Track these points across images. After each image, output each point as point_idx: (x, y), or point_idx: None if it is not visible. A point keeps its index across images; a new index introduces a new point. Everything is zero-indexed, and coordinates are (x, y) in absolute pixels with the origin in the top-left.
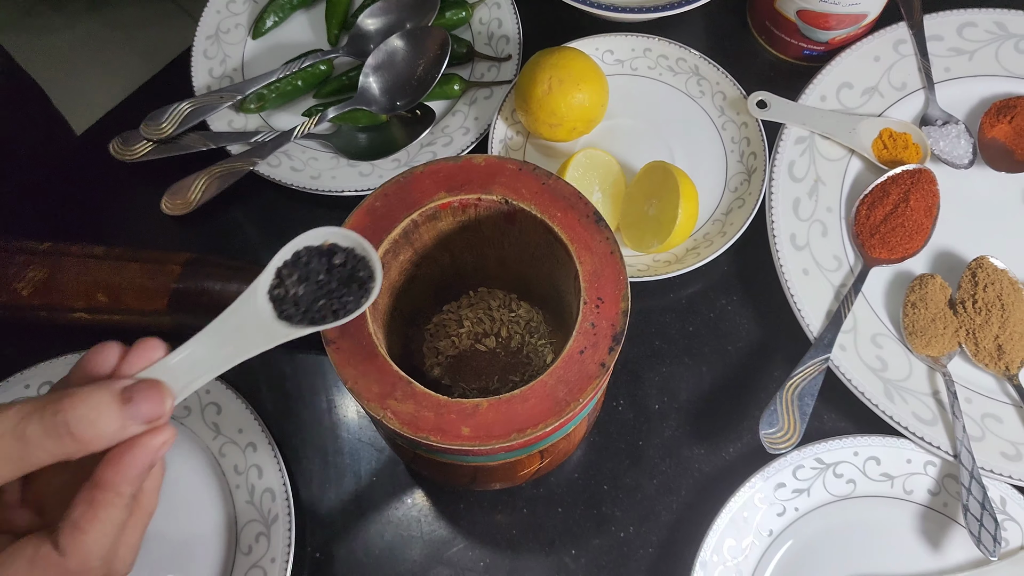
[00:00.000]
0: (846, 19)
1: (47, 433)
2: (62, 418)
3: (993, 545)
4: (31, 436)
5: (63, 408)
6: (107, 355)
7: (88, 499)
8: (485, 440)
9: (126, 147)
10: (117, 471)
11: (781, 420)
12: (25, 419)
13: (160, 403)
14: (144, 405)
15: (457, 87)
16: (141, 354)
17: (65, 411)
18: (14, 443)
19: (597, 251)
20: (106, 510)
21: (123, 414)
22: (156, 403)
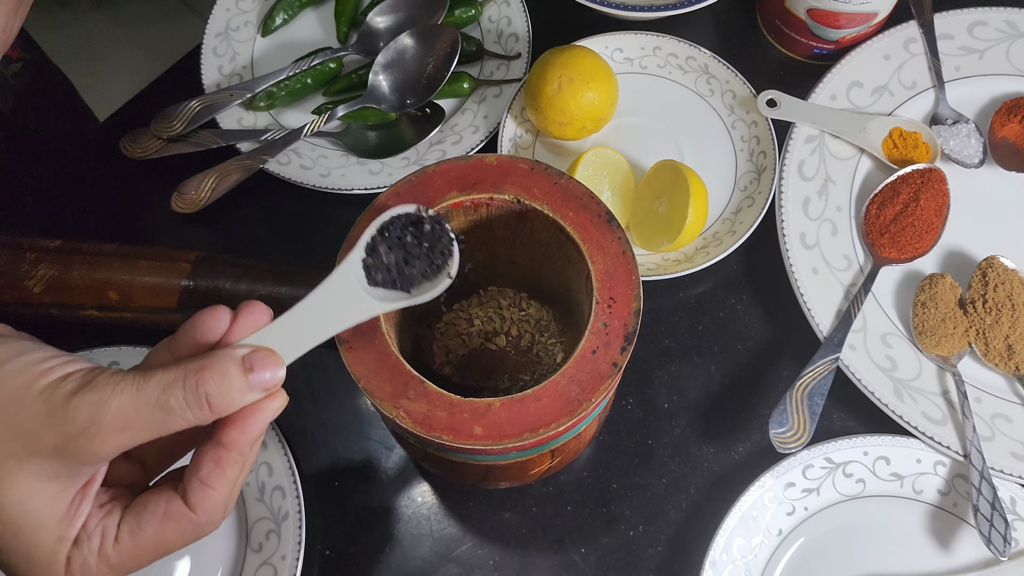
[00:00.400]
0: (856, 17)
1: (189, 403)
2: (202, 390)
3: (1003, 545)
4: (174, 406)
5: (203, 380)
6: (218, 319)
7: (215, 458)
8: (498, 440)
9: (136, 145)
10: (242, 432)
11: (791, 419)
12: (168, 390)
13: (277, 369)
14: (263, 372)
15: (467, 85)
16: (248, 319)
17: (205, 383)
18: (158, 412)
19: (609, 251)
20: (231, 467)
21: (247, 383)
22: (274, 370)
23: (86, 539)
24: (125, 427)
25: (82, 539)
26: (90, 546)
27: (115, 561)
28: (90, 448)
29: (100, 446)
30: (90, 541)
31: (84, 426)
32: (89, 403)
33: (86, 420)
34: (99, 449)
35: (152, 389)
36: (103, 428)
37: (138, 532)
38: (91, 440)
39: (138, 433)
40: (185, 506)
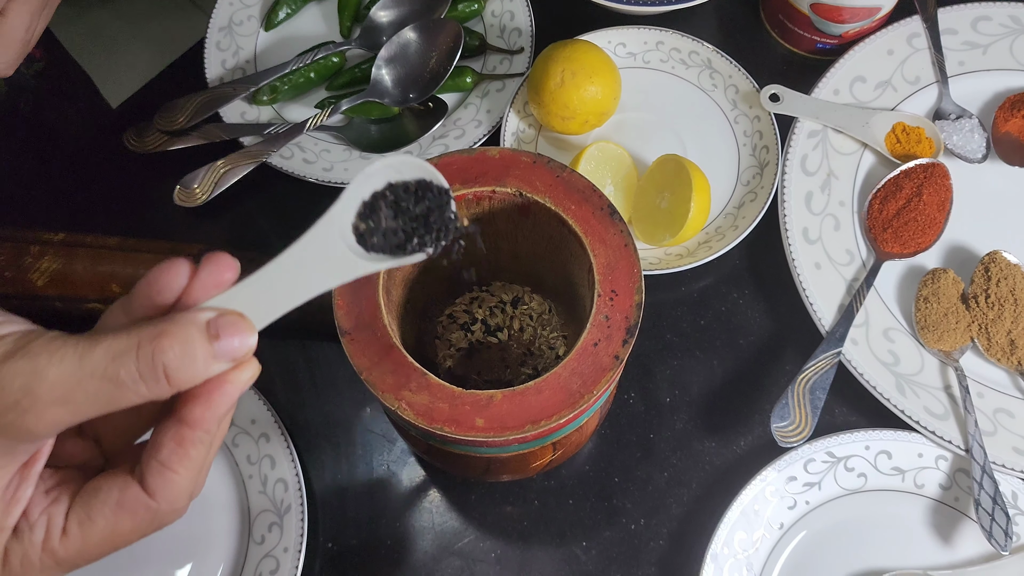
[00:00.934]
0: (860, 12)
1: (143, 376)
2: (159, 359)
3: (1004, 540)
4: (125, 379)
5: (160, 348)
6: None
7: (177, 438)
8: (499, 432)
9: (140, 139)
10: (208, 408)
11: (793, 414)
12: (118, 359)
13: (246, 336)
14: (231, 340)
15: (469, 80)
16: (212, 274)
17: (163, 351)
18: (105, 384)
19: (611, 244)
20: (195, 448)
21: (211, 351)
22: (243, 337)
23: (27, 530)
24: (64, 400)
25: (23, 529)
26: (32, 538)
27: (62, 556)
28: (22, 424)
29: (34, 423)
30: (32, 532)
31: (15, 399)
32: (21, 372)
33: (17, 392)
34: (33, 426)
35: (99, 358)
36: (38, 402)
37: (88, 523)
38: (23, 416)
39: (81, 408)
40: (143, 492)
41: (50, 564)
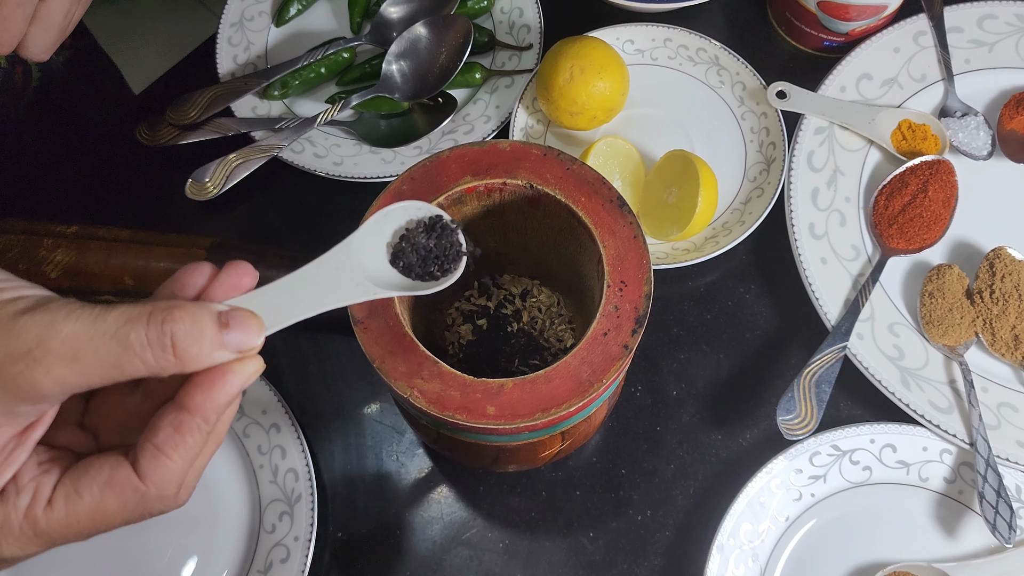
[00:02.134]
0: (867, 10)
1: (151, 342)
2: (168, 329)
3: (1008, 532)
4: (133, 342)
5: (171, 319)
6: (197, 274)
7: (175, 423)
8: (510, 419)
9: (152, 132)
10: (208, 396)
11: (798, 407)
12: (129, 323)
13: (255, 333)
14: (240, 333)
15: (479, 75)
16: (232, 278)
17: (172, 322)
18: (114, 346)
19: (621, 235)
20: (192, 435)
21: (220, 338)
22: (252, 333)
23: (14, 494)
24: (74, 357)
25: (9, 492)
26: (16, 502)
27: (43, 526)
28: (31, 376)
29: (43, 376)
30: (18, 497)
31: (28, 347)
32: (38, 323)
33: (31, 341)
34: (41, 380)
35: (112, 320)
36: (49, 352)
37: (74, 498)
38: (33, 366)
39: (87, 367)
40: (134, 474)
41: (29, 533)
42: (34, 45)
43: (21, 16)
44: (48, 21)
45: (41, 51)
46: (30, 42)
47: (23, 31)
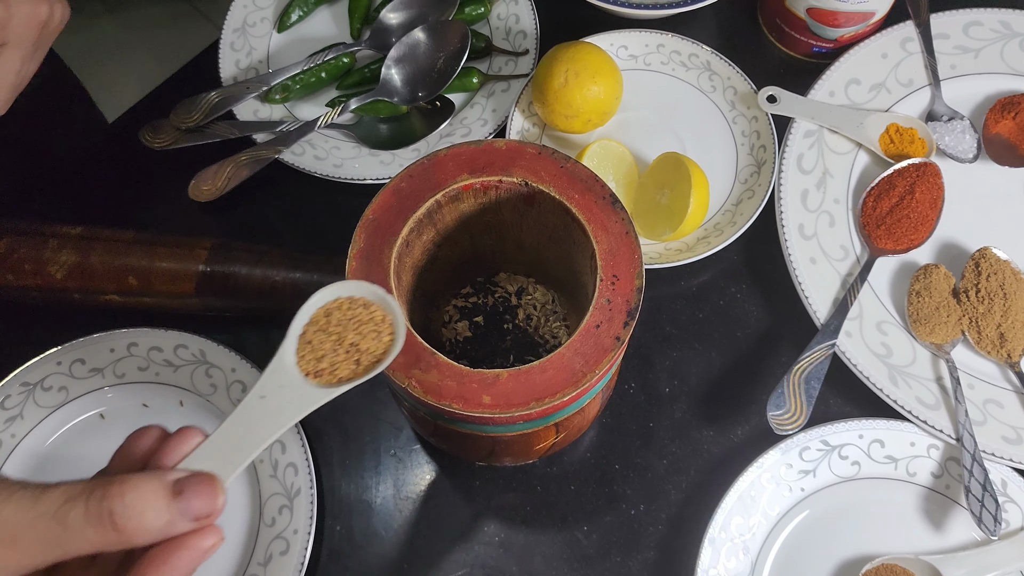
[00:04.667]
0: (855, 17)
1: (89, 520)
2: (107, 505)
3: (994, 525)
4: (72, 522)
5: (109, 495)
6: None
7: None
8: (505, 408)
9: (155, 135)
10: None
11: (788, 402)
12: (69, 502)
13: (212, 499)
14: (195, 501)
15: (476, 80)
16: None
17: (111, 498)
18: (54, 526)
19: (613, 231)
20: None
21: (172, 508)
22: (208, 499)
23: None
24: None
25: None
26: None
27: None
28: None
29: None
30: None
31: None
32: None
33: None
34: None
35: (52, 500)
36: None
37: None
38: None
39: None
40: None
41: None
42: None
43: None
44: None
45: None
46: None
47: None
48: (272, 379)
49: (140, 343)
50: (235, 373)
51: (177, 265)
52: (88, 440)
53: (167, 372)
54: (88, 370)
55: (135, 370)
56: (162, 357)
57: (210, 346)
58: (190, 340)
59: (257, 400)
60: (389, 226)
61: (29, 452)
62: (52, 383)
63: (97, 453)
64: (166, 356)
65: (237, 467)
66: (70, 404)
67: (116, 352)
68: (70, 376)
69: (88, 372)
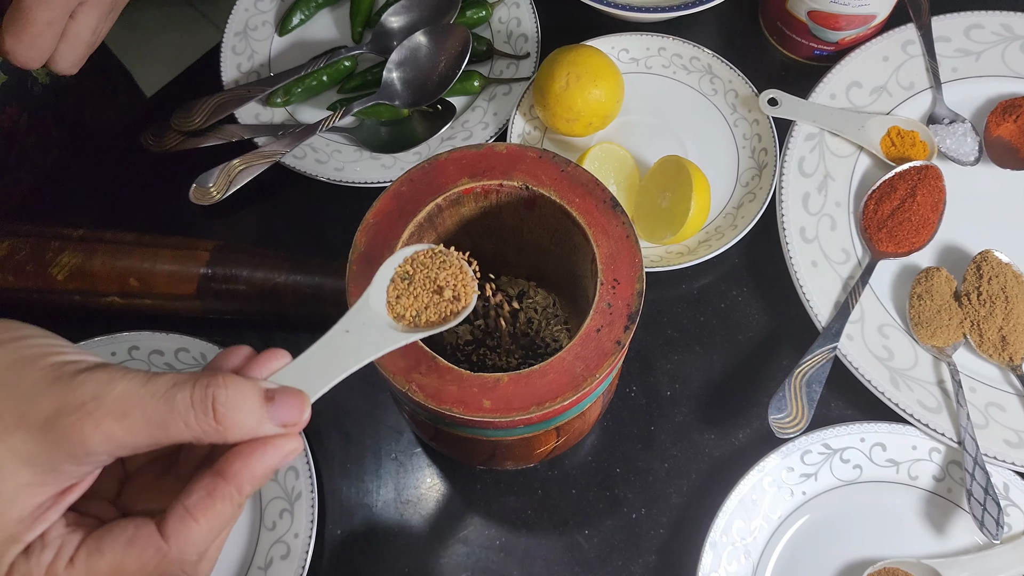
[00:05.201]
0: (856, 20)
1: (194, 404)
2: (211, 392)
3: (996, 529)
4: (179, 403)
5: (214, 383)
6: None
7: (209, 488)
8: (505, 412)
9: (157, 139)
10: (246, 465)
11: (789, 406)
12: (177, 386)
13: (300, 409)
14: (284, 409)
15: (477, 83)
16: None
17: (216, 387)
18: (161, 406)
19: (614, 235)
20: (223, 503)
21: (264, 411)
22: (296, 409)
23: (39, 549)
24: (124, 413)
25: (35, 548)
26: (40, 558)
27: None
28: (80, 429)
29: (92, 430)
30: (43, 553)
31: (83, 401)
32: (96, 379)
33: (87, 395)
34: (90, 434)
35: (162, 383)
36: (101, 407)
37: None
38: (84, 419)
39: (135, 425)
40: (157, 534)
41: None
42: (63, 60)
43: (52, 34)
44: (77, 37)
45: (70, 66)
46: (59, 58)
47: (53, 47)
48: (357, 316)
49: (141, 346)
50: None
51: (178, 267)
52: None
53: None
54: None
55: None
56: (163, 360)
57: (211, 349)
58: (191, 343)
59: (342, 333)
60: (390, 230)
61: None
62: None
63: None
64: (167, 359)
65: (320, 390)
66: None
67: (117, 355)
68: None
69: None
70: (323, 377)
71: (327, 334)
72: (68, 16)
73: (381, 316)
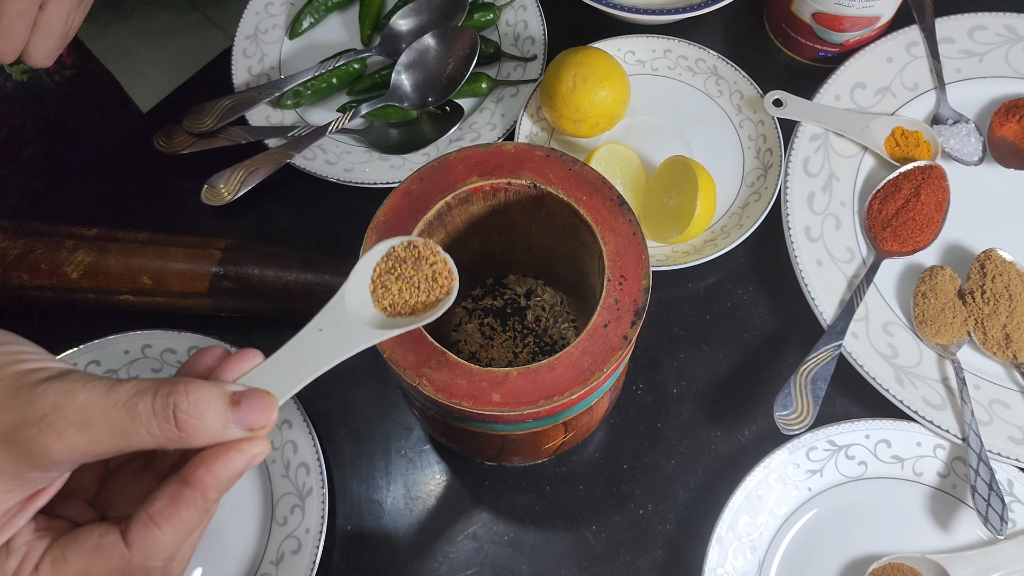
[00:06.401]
0: (860, 21)
1: (155, 413)
2: (172, 400)
3: (1000, 524)
4: (140, 412)
5: (176, 391)
6: (209, 357)
7: (173, 495)
8: (514, 406)
9: (169, 141)
10: (210, 471)
11: (795, 403)
12: (139, 394)
13: (267, 413)
14: (250, 413)
15: (485, 85)
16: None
17: (177, 394)
18: (123, 415)
19: (620, 232)
20: (188, 510)
21: (229, 415)
22: (263, 412)
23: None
24: (86, 424)
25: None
26: (5, 565)
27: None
28: (44, 440)
29: (54, 441)
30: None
31: (43, 412)
32: (56, 390)
33: (48, 407)
34: (52, 445)
35: (124, 391)
36: (62, 418)
37: (61, 562)
38: (46, 431)
39: (97, 435)
40: (121, 541)
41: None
42: (36, 53)
43: (22, 26)
44: (49, 29)
45: (44, 58)
46: (32, 50)
47: (25, 40)
48: (331, 314)
49: (154, 344)
50: None
51: (191, 266)
52: None
53: None
54: (103, 371)
55: (149, 371)
56: (175, 359)
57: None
58: (203, 342)
59: (315, 332)
60: (400, 228)
61: None
62: None
63: None
64: (180, 357)
65: (291, 390)
66: None
67: (131, 354)
68: None
69: (103, 373)
70: (294, 377)
71: (299, 333)
72: (38, 7)
73: (356, 313)
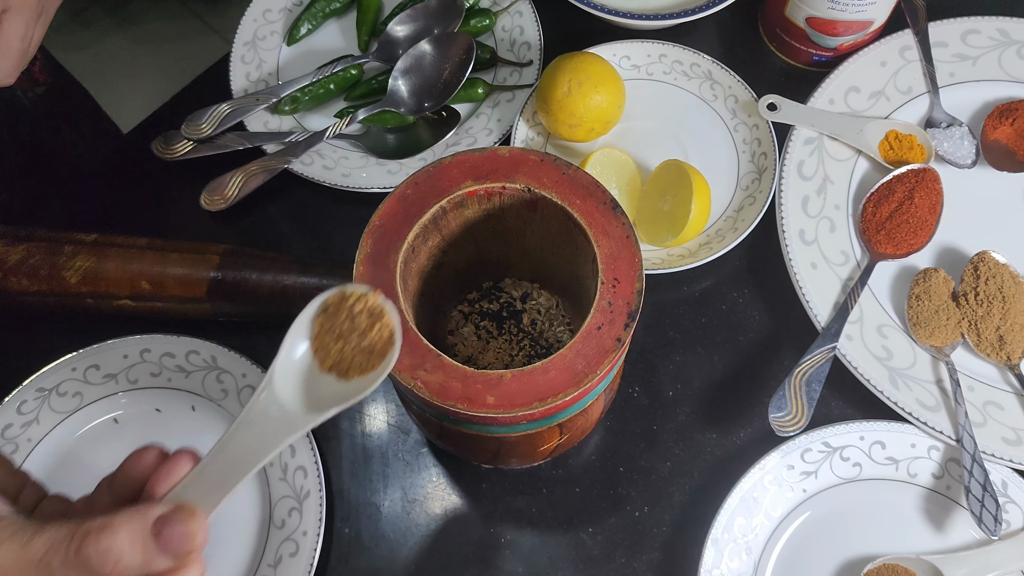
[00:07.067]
0: (853, 26)
1: (68, 567)
2: (84, 554)
3: (994, 525)
4: (56, 569)
5: (86, 543)
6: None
7: None
8: (509, 408)
9: (167, 146)
10: None
11: (789, 404)
12: (52, 550)
13: (191, 537)
14: (174, 541)
15: (481, 90)
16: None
17: (88, 546)
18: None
19: (614, 235)
20: None
21: (151, 548)
22: (187, 538)
23: None
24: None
25: None
26: None
27: None
28: None
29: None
30: None
31: None
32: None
33: None
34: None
35: (39, 546)
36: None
37: None
38: None
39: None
40: None
41: None
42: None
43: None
44: (6, 46)
45: (4, 75)
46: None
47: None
48: (257, 405)
49: (153, 349)
50: (246, 378)
51: (189, 270)
52: (102, 445)
53: (179, 378)
54: (102, 376)
55: (148, 376)
56: (174, 363)
57: (221, 352)
58: (202, 346)
59: (245, 427)
60: (395, 232)
61: (45, 456)
62: (67, 388)
63: (111, 457)
64: (178, 362)
65: (223, 496)
66: (85, 409)
67: (129, 358)
68: (84, 382)
69: (102, 378)
70: (224, 483)
71: (230, 429)
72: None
73: (287, 397)
